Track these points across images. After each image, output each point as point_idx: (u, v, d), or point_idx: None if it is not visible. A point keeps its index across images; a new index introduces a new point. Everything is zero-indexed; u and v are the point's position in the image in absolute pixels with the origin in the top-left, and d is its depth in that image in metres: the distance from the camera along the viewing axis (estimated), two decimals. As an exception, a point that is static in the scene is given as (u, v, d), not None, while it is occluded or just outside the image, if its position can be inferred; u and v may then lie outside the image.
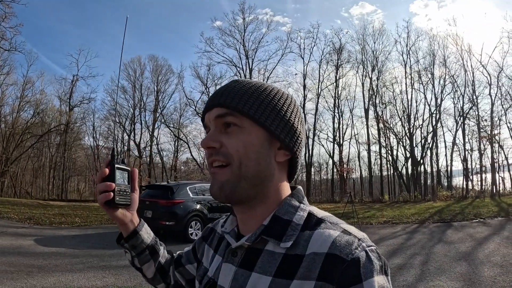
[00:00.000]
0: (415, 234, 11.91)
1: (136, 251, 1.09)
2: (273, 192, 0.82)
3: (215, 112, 0.81)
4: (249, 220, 0.84)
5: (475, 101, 32.67)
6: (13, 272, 6.68)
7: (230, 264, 0.82)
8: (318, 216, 0.79)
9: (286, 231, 0.76)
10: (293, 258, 0.73)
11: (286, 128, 0.81)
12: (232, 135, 0.79)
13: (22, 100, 39.10)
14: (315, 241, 0.73)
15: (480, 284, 6.16)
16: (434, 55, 34.63)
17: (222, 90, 0.83)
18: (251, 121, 0.79)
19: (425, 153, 35.18)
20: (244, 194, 0.79)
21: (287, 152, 0.83)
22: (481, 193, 27.87)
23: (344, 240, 0.70)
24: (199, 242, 1.08)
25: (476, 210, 17.26)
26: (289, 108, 0.84)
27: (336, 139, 38.56)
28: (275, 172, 0.82)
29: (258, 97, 0.81)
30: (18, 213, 16.62)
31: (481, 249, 8.95)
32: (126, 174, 1.03)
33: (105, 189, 0.96)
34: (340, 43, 38.70)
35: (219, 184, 0.80)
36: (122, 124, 43.56)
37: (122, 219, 1.03)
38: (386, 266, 0.70)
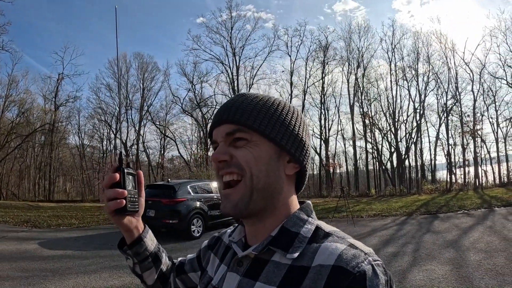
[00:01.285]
0: (405, 225, 12.44)
1: (138, 258, 1.07)
2: (282, 205, 0.83)
3: (225, 129, 0.81)
4: (257, 232, 0.85)
5: (458, 97, 33.33)
6: (28, 278, 6.75)
7: (235, 274, 0.83)
8: (326, 230, 0.80)
9: (293, 242, 0.77)
10: (299, 269, 0.73)
11: (296, 142, 0.83)
12: (242, 148, 0.80)
13: (7, 99, 38.60)
14: (321, 254, 0.73)
15: (467, 267, 6.72)
16: (418, 52, 35.28)
17: (229, 105, 0.83)
18: (260, 135, 0.80)
19: (409, 148, 35.74)
20: (256, 207, 0.80)
21: (296, 165, 0.84)
22: (464, 186, 28.48)
23: (351, 254, 0.70)
24: (205, 250, 1.08)
25: (460, 202, 17.77)
26: (297, 121, 0.85)
27: (322, 135, 39.00)
28: (284, 185, 0.83)
29: (266, 112, 0.81)
30: (13, 217, 16.51)
31: (466, 237, 9.52)
32: (133, 178, 1.01)
33: (116, 196, 0.93)
34: (326, 41, 39.18)
35: (233, 203, 0.80)
36: (108, 123, 43.23)
37: (127, 226, 1.01)
38: (392, 281, 0.71)
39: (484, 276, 6.14)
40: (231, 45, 40.24)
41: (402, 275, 6.49)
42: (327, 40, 39.23)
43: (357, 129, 38.00)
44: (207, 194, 12.28)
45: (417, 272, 6.57)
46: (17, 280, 6.59)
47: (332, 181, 36.98)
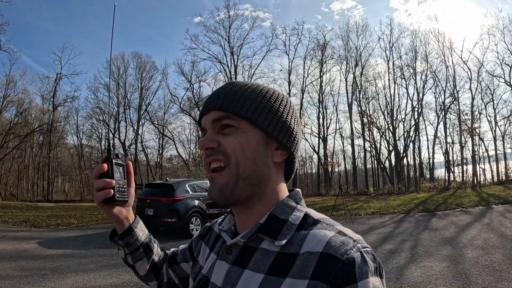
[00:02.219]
0: (402, 223, 12.51)
1: (130, 249, 1.06)
2: (270, 192, 0.83)
3: (212, 115, 0.81)
4: (246, 219, 0.84)
5: (456, 96, 33.38)
6: (28, 276, 6.76)
7: (224, 262, 0.83)
8: (315, 217, 0.80)
9: (281, 230, 0.77)
10: (287, 256, 0.73)
11: (283, 129, 0.82)
12: (229, 135, 0.80)
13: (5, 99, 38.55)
14: (310, 241, 0.73)
15: (465, 263, 6.79)
16: (416, 51, 35.26)
17: (218, 93, 0.83)
18: (247, 122, 0.79)
19: (407, 146, 35.79)
20: (242, 194, 0.80)
21: (284, 152, 0.84)
22: (462, 184, 28.52)
23: (340, 241, 0.70)
24: (196, 240, 1.07)
25: (458, 200, 17.83)
26: (285, 109, 0.84)
27: (321, 133, 39.01)
28: (272, 172, 0.82)
29: (254, 99, 0.81)
30: (12, 217, 16.47)
31: (464, 234, 9.58)
32: (122, 169, 1.02)
33: (104, 186, 0.94)
34: (324, 40, 39.14)
35: (219, 187, 0.80)
36: (106, 122, 43.17)
37: (117, 216, 1.01)
38: (381, 268, 0.71)
39: (481, 272, 6.19)
40: (229, 44, 40.22)
41: (399, 272, 6.53)
42: (325, 39, 39.25)
43: (356, 128, 38.06)
44: (205, 192, 12.16)
45: (414, 269, 6.62)
46: (17, 279, 6.61)
47: (330, 180, 37.00)
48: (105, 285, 6.36)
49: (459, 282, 5.78)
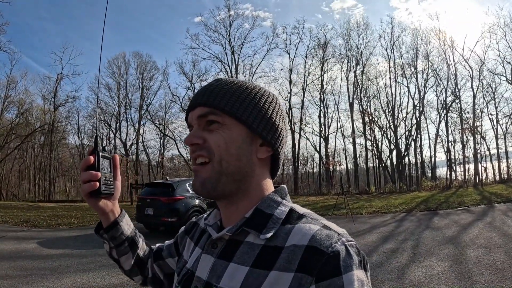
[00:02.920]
0: (404, 222, 12.45)
1: (115, 243, 1.07)
2: (255, 188, 0.84)
3: (198, 111, 0.82)
4: (232, 214, 0.85)
5: (457, 94, 33.29)
6: (27, 276, 6.75)
7: (209, 256, 0.84)
8: (300, 212, 0.81)
9: (267, 223, 0.78)
10: (272, 249, 0.74)
11: (268, 125, 0.83)
12: (214, 131, 0.80)
13: (5, 100, 38.62)
14: (295, 234, 0.74)
15: (467, 263, 6.73)
16: (417, 49, 35.19)
17: (204, 89, 0.84)
18: (232, 118, 0.80)
19: (409, 145, 35.69)
20: (225, 189, 0.81)
21: (269, 149, 0.84)
22: (464, 183, 28.46)
23: (325, 234, 0.71)
24: (182, 235, 1.08)
25: (460, 198, 17.75)
26: (271, 106, 0.85)
27: (322, 132, 38.97)
28: (256, 168, 0.83)
29: (239, 95, 0.82)
30: (12, 217, 16.44)
31: (466, 233, 9.52)
32: (108, 162, 1.02)
33: (90, 179, 0.94)
34: (325, 39, 39.11)
35: (201, 181, 0.81)
36: (107, 122, 43.21)
37: (103, 209, 1.01)
38: (366, 261, 0.72)
39: (484, 272, 6.14)
40: (229, 44, 40.20)
41: (401, 271, 6.48)
42: (326, 38, 39.21)
43: (357, 127, 38.04)
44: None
45: (416, 268, 6.57)
46: (16, 279, 6.59)
47: (332, 179, 36.97)
48: (104, 285, 6.32)
49: (461, 281, 5.72)
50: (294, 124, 38.93)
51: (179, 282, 0.90)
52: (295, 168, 39.42)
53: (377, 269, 6.65)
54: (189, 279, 0.86)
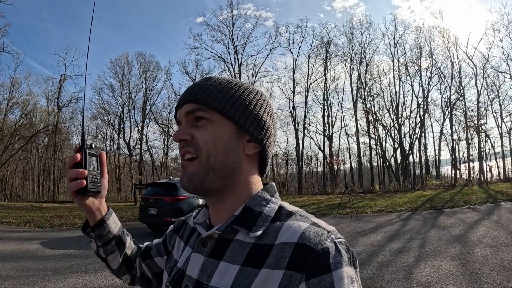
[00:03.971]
0: (409, 221, 12.35)
1: (102, 241, 1.06)
2: (242, 184, 0.84)
3: (186, 108, 0.83)
4: (220, 211, 0.85)
5: (461, 92, 33.21)
6: (28, 277, 6.71)
7: (199, 254, 0.84)
8: (289, 209, 0.81)
9: (256, 221, 0.78)
10: (262, 247, 0.74)
11: (255, 122, 0.83)
12: (202, 128, 0.81)
13: (9, 101, 38.75)
14: (285, 232, 0.74)
15: (474, 262, 6.62)
16: (420, 47, 35.12)
17: (193, 87, 0.85)
18: (219, 114, 0.81)
19: (413, 144, 35.64)
20: (212, 185, 0.81)
21: (257, 145, 0.84)
22: (469, 181, 28.37)
23: (314, 232, 0.71)
24: (170, 234, 1.07)
25: (465, 197, 17.69)
26: (258, 102, 0.85)
27: (326, 131, 38.93)
28: (243, 164, 0.83)
29: (227, 92, 0.82)
30: (16, 217, 16.50)
31: (472, 232, 9.42)
32: (95, 159, 1.01)
33: (76, 176, 0.93)
34: (328, 37, 39.13)
35: (188, 176, 0.81)
36: (111, 123, 43.36)
37: (89, 207, 1.01)
38: (355, 258, 0.72)
39: (492, 271, 6.03)
40: (232, 43, 40.27)
41: (408, 271, 6.37)
42: (329, 37, 39.25)
43: (361, 126, 38.04)
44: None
45: (423, 268, 6.46)
46: (17, 280, 6.56)
47: (336, 178, 36.93)
48: (106, 286, 6.28)
49: (469, 281, 5.62)
50: (297, 123, 38.95)
51: (170, 281, 0.89)
52: (299, 168, 39.44)
53: (383, 269, 6.55)
54: (180, 279, 0.85)
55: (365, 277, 6.13)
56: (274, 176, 44.71)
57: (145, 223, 11.95)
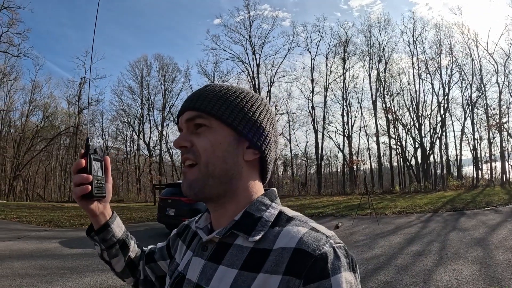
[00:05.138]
0: (430, 222, 12.15)
1: (106, 245, 1.08)
2: (242, 190, 0.84)
3: (186, 115, 0.84)
4: (221, 217, 0.85)
5: (482, 90, 32.66)
6: (46, 275, 6.78)
7: (199, 258, 0.84)
8: (289, 214, 0.81)
9: (255, 226, 0.78)
10: (261, 252, 0.74)
11: (254, 128, 0.83)
12: (202, 135, 0.82)
13: (31, 104, 39.56)
14: (283, 237, 0.74)
15: (496, 266, 6.43)
16: (440, 44, 34.62)
17: (193, 94, 0.86)
18: (218, 121, 0.81)
19: (434, 143, 35.16)
20: (212, 191, 0.81)
21: (256, 151, 0.84)
22: (491, 181, 27.88)
23: (312, 237, 0.71)
24: (174, 238, 1.08)
25: (487, 198, 17.42)
26: (258, 109, 0.86)
27: (345, 131, 38.70)
28: (243, 170, 0.84)
29: (226, 99, 0.83)
30: (36, 217, 16.76)
31: (494, 234, 9.20)
32: (100, 164, 1.02)
33: (82, 182, 0.95)
34: (346, 36, 38.90)
35: (188, 183, 0.82)
36: (131, 124, 43.94)
37: (94, 211, 1.03)
38: (354, 263, 0.72)
39: (514, 276, 5.86)
40: (250, 44, 40.38)
41: (427, 275, 6.23)
42: (347, 35, 39.03)
43: (380, 125, 37.71)
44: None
45: (443, 272, 6.31)
46: (35, 278, 6.64)
47: (355, 178, 36.67)
48: (122, 285, 6.25)
49: (490, 286, 5.46)
50: (317, 123, 38.77)
51: (171, 285, 0.90)
52: (318, 168, 39.29)
53: (402, 273, 6.42)
54: (180, 282, 0.86)
55: (383, 281, 6.01)
56: (293, 176, 44.66)
57: (163, 224, 12.00)
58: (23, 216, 16.76)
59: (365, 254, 7.99)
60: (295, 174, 46.61)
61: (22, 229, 13.21)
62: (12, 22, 30.16)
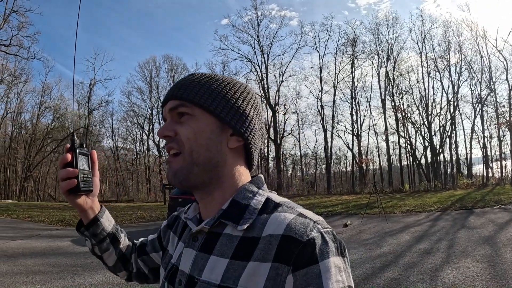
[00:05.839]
0: (438, 221, 12.13)
1: (96, 239, 1.07)
2: (228, 178, 0.84)
3: (169, 105, 0.84)
4: (208, 205, 0.85)
5: (492, 87, 32.30)
6: (59, 272, 6.94)
7: (191, 249, 0.85)
8: (276, 201, 0.81)
9: (243, 214, 0.78)
10: (250, 240, 0.74)
11: (237, 115, 0.83)
12: (185, 123, 0.82)
13: (41, 106, 40.00)
14: (271, 224, 0.74)
15: (503, 264, 6.46)
16: (449, 42, 34.33)
17: (176, 83, 0.86)
18: (201, 109, 0.82)
19: (444, 142, 34.91)
20: (197, 179, 0.82)
21: (240, 138, 0.84)
22: (501, 180, 27.65)
23: (300, 222, 0.71)
24: (164, 230, 1.08)
25: (496, 197, 17.33)
26: (241, 96, 0.85)
27: (354, 130, 38.60)
28: (228, 158, 0.84)
29: (209, 87, 0.83)
30: (48, 216, 16.98)
31: (502, 233, 9.19)
32: (86, 158, 1.02)
33: (68, 176, 0.94)
34: (354, 35, 38.76)
35: (173, 172, 0.82)
36: (140, 125, 44.25)
37: (82, 206, 1.02)
38: (343, 247, 0.72)
39: (521, 274, 5.88)
40: (258, 43, 40.44)
41: (434, 272, 6.28)
42: (355, 34, 38.88)
43: (390, 124, 37.46)
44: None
45: (450, 270, 6.35)
46: (48, 275, 6.79)
47: (365, 177, 36.56)
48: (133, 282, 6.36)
49: (497, 284, 5.49)
50: (326, 122, 38.71)
51: (165, 277, 0.90)
52: (327, 167, 39.21)
53: (409, 270, 6.48)
54: (174, 274, 0.87)
55: (391, 278, 6.08)
56: (303, 176, 44.67)
57: (173, 223, 12.13)
58: (35, 216, 16.98)
59: (373, 252, 8.04)
60: (304, 174, 46.63)
61: (34, 228, 13.43)
62: (22, 25, 30.48)
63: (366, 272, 6.50)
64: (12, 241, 10.21)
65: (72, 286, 6.20)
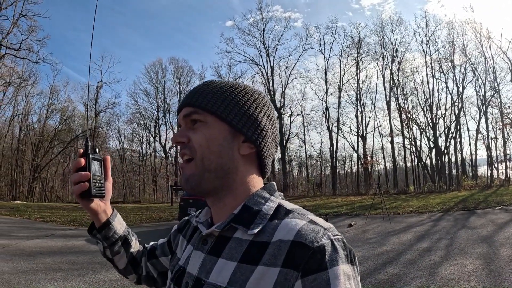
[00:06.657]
0: (440, 221, 12.41)
1: (108, 242, 1.08)
2: (240, 184, 0.84)
3: (183, 111, 0.85)
4: (220, 211, 0.86)
5: (497, 88, 32.28)
6: (78, 269, 7.18)
7: (199, 252, 0.85)
8: (287, 207, 0.81)
9: (254, 219, 0.78)
10: (259, 244, 0.74)
11: (249, 122, 0.83)
12: (198, 130, 0.83)
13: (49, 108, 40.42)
14: (281, 229, 0.74)
15: (499, 262, 6.77)
16: (453, 43, 34.25)
17: (191, 91, 0.87)
18: (214, 116, 0.82)
19: (449, 143, 34.81)
20: (209, 185, 0.83)
21: (252, 145, 0.84)
22: (505, 181, 27.66)
23: (310, 229, 0.71)
24: (175, 234, 1.08)
25: (499, 198, 17.49)
26: (254, 103, 0.86)
27: (359, 132, 38.64)
28: (239, 165, 0.84)
29: (222, 94, 0.83)
30: (59, 217, 17.16)
31: (501, 232, 9.49)
32: (99, 164, 1.02)
33: (80, 179, 0.95)
34: (359, 37, 38.90)
35: (186, 177, 0.83)
36: (147, 127, 44.53)
37: (95, 210, 1.03)
38: (353, 255, 0.71)
39: (515, 270, 6.19)
40: (264, 46, 40.67)
41: (433, 268, 6.61)
42: (360, 36, 38.97)
43: (395, 125, 37.43)
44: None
45: (448, 266, 6.68)
46: (68, 272, 7.05)
47: (370, 179, 36.59)
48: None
49: (491, 279, 5.80)
50: (331, 124, 38.87)
51: (172, 279, 0.92)
52: (333, 168, 39.25)
53: (409, 266, 6.81)
54: (181, 276, 0.88)
55: (392, 273, 6.42)
56: (308, 177, 44.76)
57: (184, 223, 12.38)
58: (46, 216, 17.18)
59: (376, 250, 8.38)
60: (310, 175, 46.67)
61: (47, 228, 13.64)
62: (32, 30, 30.81)
63: (369, 268, 6.85)
64: (28, 240, 10.42)
65: (93, 282, 6.46)
